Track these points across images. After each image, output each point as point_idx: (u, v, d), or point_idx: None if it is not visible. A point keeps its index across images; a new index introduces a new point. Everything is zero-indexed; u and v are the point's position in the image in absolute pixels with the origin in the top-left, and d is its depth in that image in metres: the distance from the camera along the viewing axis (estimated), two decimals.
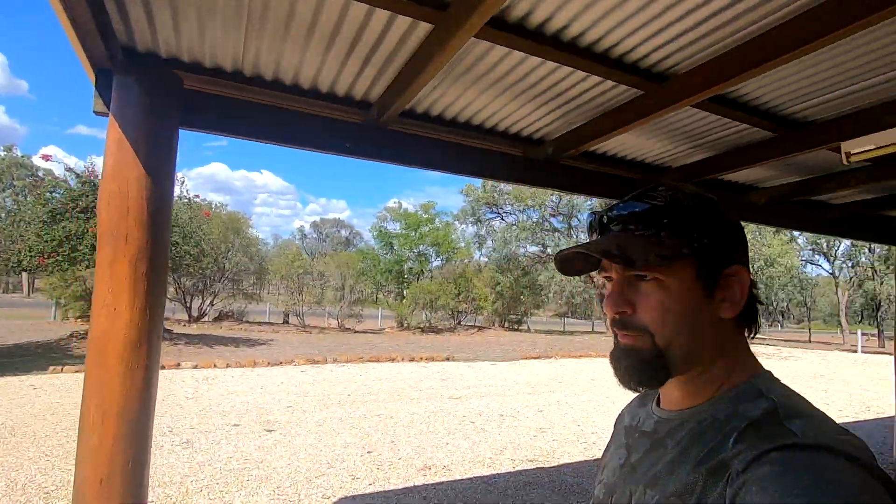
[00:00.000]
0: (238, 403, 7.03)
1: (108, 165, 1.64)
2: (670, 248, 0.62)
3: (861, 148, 2.13)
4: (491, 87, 2.17)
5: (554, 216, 26.99)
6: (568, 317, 31.65)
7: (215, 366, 10.27)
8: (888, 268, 27.83)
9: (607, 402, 8.33)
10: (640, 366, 0.64)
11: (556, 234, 26.67)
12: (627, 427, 0.78)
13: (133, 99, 1.66)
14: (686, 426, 0.64)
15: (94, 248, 11.90)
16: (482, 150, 2.55)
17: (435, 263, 26.88)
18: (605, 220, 0.68)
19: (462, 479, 4.54)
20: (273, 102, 2.10)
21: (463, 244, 28.07)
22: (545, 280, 25.15)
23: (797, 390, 0.62)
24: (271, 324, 20.49)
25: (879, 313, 30.11)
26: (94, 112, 1.75)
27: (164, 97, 1.71)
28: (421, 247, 25.72)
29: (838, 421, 0.55)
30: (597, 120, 2.35)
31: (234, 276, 19.43)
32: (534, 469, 4.91)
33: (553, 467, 5.00)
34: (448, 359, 13.18)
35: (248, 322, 19.95)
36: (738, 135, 2.65)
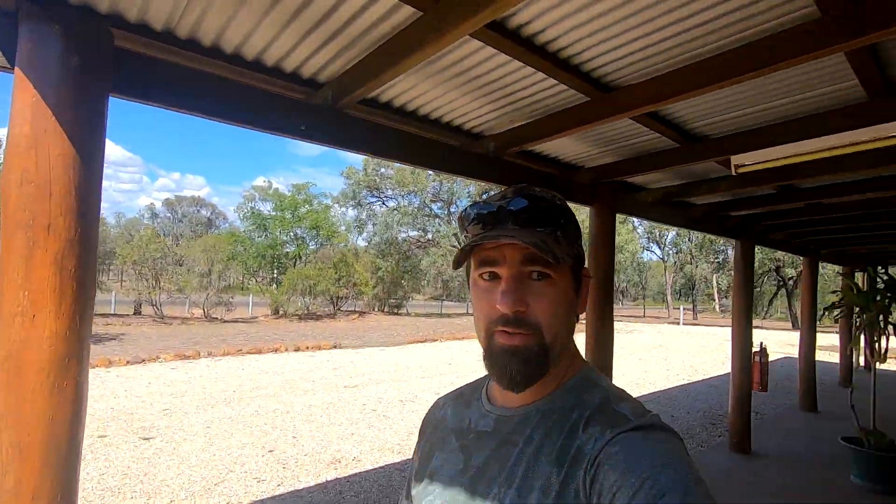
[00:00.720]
0: (99, 410, 6.05)
1: (18, 136, 1.29)
2: (567, 247, 0.66)
3: (749, 161, 2.56)
4: (450, 80, 2.15)
5: (434, 202, 27.60)
6: (444, 299, 32.82)
7: None
8: (702, 253, 33.76)
9: None
10: (529, 365, 0.63)
11: (437, 220, 27.34)
12: (456, 430, 0.74)
13: (54, 53, 1.31)
14: (532, 420, 0.66)
15: None
16: (434, 142, 2.53)
17: (311, 247, 25.75)
18: (502, 215, 0.65)
19: (374, 469, 4.52)
20: (218, 73, 1.83)
21: (343, 228, 27.32)
22: (427, 265, 25.71)
23: (649, 359, 0.74)
24: (119, 315, 17.87)
25: (694, 291, 36.43)
26: None
27: (94, 55, 1.39)
28: (298, 230, 24.41)
29: (679, 384, 0.68)
30: (542, 121, 2.47)
31: None
32: None
33: None
34: (335, 346, 12.85)
35: None
36: (650, 143, 2.99)
